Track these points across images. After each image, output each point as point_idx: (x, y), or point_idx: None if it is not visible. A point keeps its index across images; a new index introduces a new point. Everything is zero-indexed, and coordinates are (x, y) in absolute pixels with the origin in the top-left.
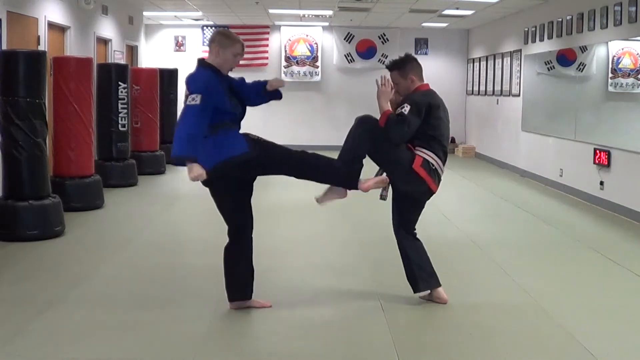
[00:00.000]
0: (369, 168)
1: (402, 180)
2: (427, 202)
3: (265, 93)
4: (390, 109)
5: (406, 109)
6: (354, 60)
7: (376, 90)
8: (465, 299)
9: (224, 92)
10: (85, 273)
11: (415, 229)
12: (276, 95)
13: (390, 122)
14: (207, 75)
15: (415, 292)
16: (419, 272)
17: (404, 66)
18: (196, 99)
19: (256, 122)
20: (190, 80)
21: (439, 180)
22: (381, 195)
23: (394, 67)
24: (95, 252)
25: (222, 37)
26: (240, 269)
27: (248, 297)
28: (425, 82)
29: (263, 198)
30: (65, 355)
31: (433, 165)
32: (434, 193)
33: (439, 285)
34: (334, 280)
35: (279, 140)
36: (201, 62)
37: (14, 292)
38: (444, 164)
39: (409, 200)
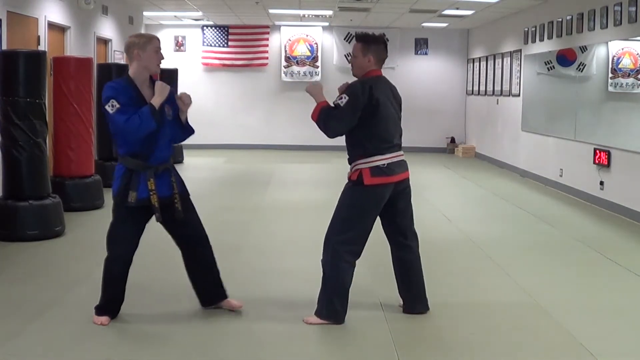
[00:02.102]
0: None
1: (377, 201)
2: (427, 202)
3: (180, 121)
4: (325, 100)
5: (343, 100)
6: None
7: (306, 89)
8: (465, 299)
9: (133, 105)
10: (85, 273)
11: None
12: (185, 130)
13: (322, 115)
14: (117, 82)
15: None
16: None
17: (369, 43)
18: (114, 104)
19: (257, 122)
20: (105, 88)
21: (403, 167)
22: None
23: (360, 39)
24: (95, 252)
25: (136, 39)
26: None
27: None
28: (380, 70)
29: (263, 198)
30: (65, 355)
31: (384, 164)
32: (408, 179)
33: None
34: None
35: (279, 141)
36: (124, 75)
37: (14, 292)
38: (399, 148)
39: (394, 204)
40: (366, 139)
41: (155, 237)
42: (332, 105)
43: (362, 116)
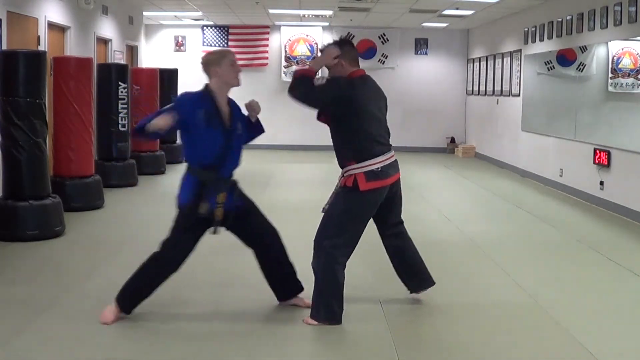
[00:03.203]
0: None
1: (371, 206)
2: (427, 202)
3: (250, 127)
4: (316, 70)
5: (319, 82)
6: None
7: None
8: (465, 299)
9: (206, 119)
10: (85, 273)
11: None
12: (257, 129)
13: (300, 78)
14: (189, 95)
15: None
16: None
17: (340, 47)
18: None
19: None
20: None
21: (396, 168)
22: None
23: (332, 44)
24: (95, 252)
25: (211, 56)
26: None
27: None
28: (362, 69)
29: (263, 198)
30: (65, 355)
31: (378, 168)
32: (398, 179)
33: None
34: None
35: (279, 141)
36: (204, 85)
37: (14, 292)
38: (389, 149)
39: (387, 203)
40: (354, 139)
41: (156, 237)
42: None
43: (347, 115)
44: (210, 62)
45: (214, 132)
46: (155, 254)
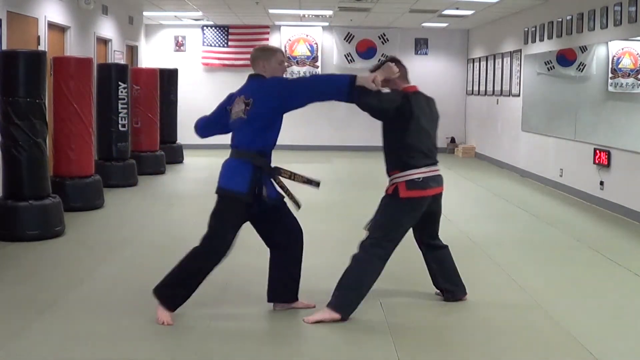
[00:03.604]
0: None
1: (411, 214)
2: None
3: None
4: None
5: (387, 90)
6: (354, 61)
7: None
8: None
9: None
10: (85, 273)
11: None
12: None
13: (365, 94)
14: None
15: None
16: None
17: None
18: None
19: None
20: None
21: (438, 181)
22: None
23: (377, 68)
24: (95, 252)
25: (261, 52)
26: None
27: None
28: (414, 85)
29: None
30: (65, 355)
31: (419, 178)
32: (442, 193)
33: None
34: (334, 281)
35: (279, 141)
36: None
37: (14, 292)
38: (435, 163)
39: (428, 217)
40: (402, 150)
41: (159, 235)
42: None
43: (399, 125)
44: (260, 57)
45: (280, 120)
46: (199, 247)
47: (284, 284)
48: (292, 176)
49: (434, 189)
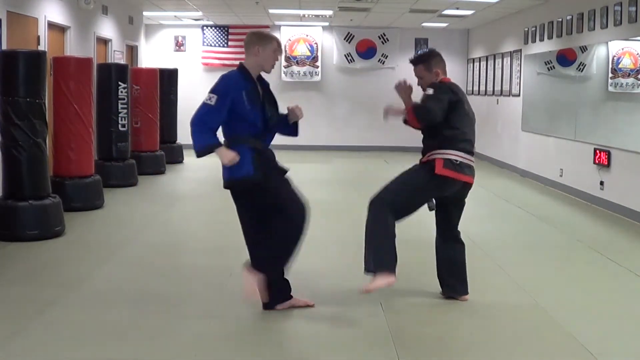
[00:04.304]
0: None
1: (436, 190)
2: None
3: (286, 124)
4: (413, 102)
5: (430, 91)
6: (354, 60)
7: (396, 86)
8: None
9: (249, 98)
10: (85, 273)
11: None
12: (293, 130)
13: (416, 108)
14: (232, 77)
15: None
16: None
17: (429, 60)
18: (212, 100)
19: None
20: (219, 79)
21: (472, 171)
22: (429, 207)
23: (418, 61)
24: (95, 252)
25: (257, 36)
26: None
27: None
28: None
29: None
30: (65, 355)
31: (457, 160)
32: (471, 185)
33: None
34: (334, 281)
35: (279, 141)
36: (239, 65)
37: (14, 292)
38: (472, 154)
39: (452, 203)
40: (444, 129)
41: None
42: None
43: (450, 114)
44: (255, 42)
45: (256, 110)
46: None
47: (276, 287)
48: None
49: (467, 177)
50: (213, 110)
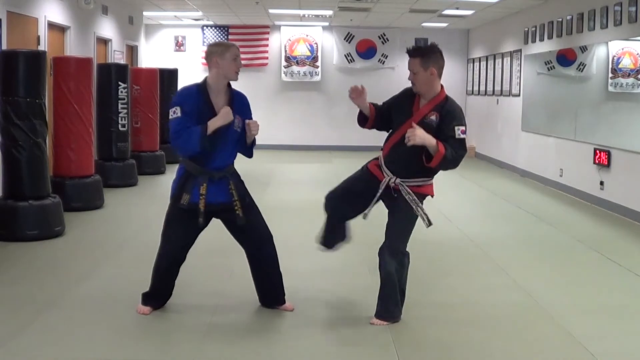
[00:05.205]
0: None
1: (424, 214)
2: (427, 201)
3: (243, 142)
4: (443, 146)
5: (462, 133)
6: (354, 60)
7: (350, 95)
8: (465, 298)
9: (198, 114)
10: (85, 273)
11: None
12: (247, 150)
13: (447, 159)
14: (186, 89)
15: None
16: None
17: (428, 55)
18: (176, 112)
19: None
20: (176, 93)
21: None
22: (364, 216)
23: (416, 53)
24: (95, 252)
25: (215, 47)
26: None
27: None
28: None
29: (263, 198)
30: (65, 355)
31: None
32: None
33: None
34: (334, 281)
35: (279, 141)
36: (203, 79)
37: (14, 292)
38: None
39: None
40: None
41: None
42: (450, 144)
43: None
44: (214, 53)
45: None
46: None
47: (262, 290)
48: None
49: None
50: (182, 119)
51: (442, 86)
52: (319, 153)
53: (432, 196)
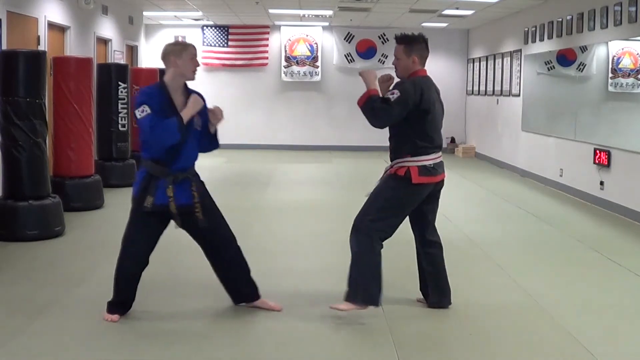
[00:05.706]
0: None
1: (417, 199)
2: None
3: (204, 136)
4: (378, 89)
5: (394, 95)
6: (354, 60)
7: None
8: (465, 299)
9: (161, 113)
10: (85, 273)
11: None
12: (210, 143)
13: (370, 103)
14: (148, 88)
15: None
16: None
17: (412, 44)
18: (144, 111)
19: (257, 122)
20: (137, 94)
21: (442, 168)
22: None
23: (401, 40)
24: (95, 252)
25: (172, 47)
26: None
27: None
28: (424, 68)
29: (263, 198)
30: (65, 355)
31: (430, 164)
32: (444, 180)
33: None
34: (334, 281)
35: (279, 141)
36: (159, 81)
37: (14, 292)
38: (441, 148)
39: (425, 202)
40: (417, 137)
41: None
42: (382, 97)
43: (413, 115)
44: (170, 53)
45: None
46: (120, 252)
47: (230, 288)
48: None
49: (441, 175)
50: (153, 115)
51: (421, 69)
52: (319, 153)
53: (410, 180)
